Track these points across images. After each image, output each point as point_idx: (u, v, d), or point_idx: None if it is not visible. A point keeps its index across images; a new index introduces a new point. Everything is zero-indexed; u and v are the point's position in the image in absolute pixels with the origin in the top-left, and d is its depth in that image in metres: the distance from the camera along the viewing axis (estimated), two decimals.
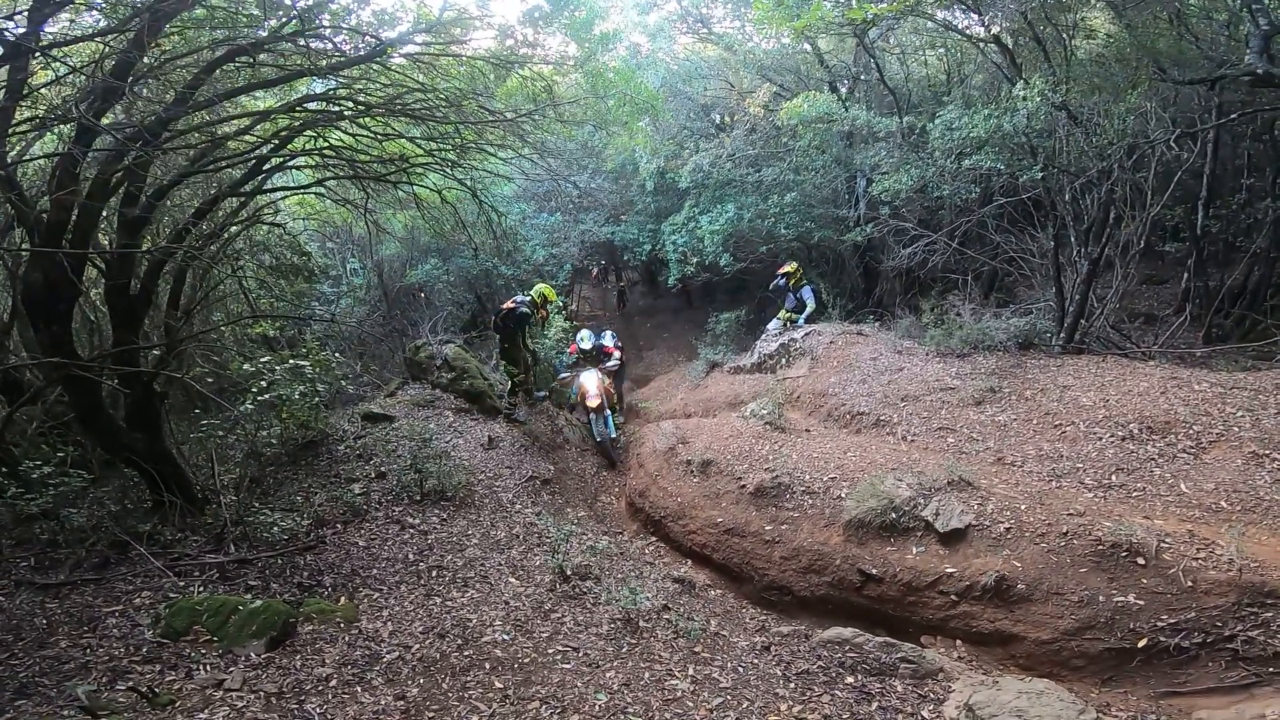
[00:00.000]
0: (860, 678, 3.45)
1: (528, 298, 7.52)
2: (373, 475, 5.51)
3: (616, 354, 8.37)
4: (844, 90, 10.45)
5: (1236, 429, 4.78)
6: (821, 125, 8.99)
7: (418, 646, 3.46)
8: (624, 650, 3.59)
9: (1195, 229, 7.97)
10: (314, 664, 3.21)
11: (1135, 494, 4.64)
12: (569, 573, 4.31)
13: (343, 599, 3.93)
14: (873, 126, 8.51)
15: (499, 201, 10.38)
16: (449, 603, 4.00)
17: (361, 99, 4.85)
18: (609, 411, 7.60)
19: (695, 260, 10.14)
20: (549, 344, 8.50)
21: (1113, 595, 3.89)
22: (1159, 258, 9.21)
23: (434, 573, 4.34)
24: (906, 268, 8.96)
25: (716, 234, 9.63)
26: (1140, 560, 3.97)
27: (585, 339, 8.13)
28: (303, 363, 5.28)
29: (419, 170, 5.71)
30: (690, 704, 3.17)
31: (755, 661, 3.61)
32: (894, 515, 4.66)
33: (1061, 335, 6.58)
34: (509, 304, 7.33)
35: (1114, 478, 4.79)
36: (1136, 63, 7.13)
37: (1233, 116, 6.95)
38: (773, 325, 9.33)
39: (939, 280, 8.69)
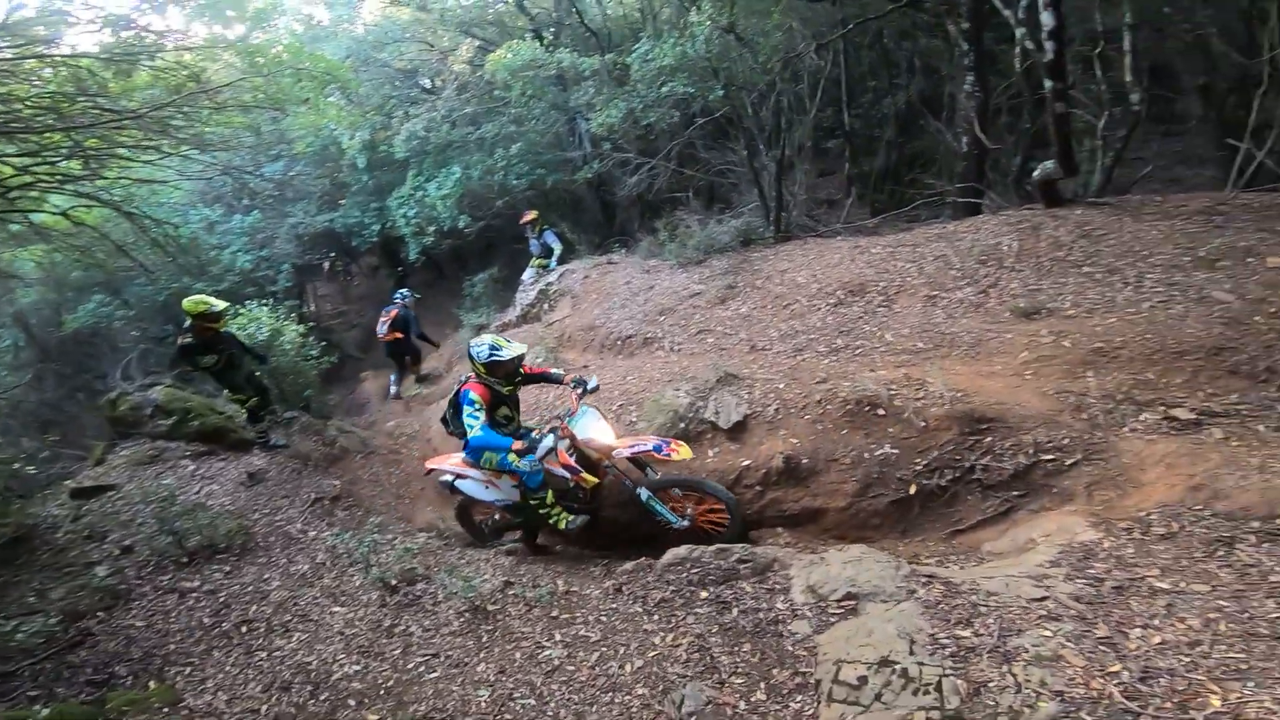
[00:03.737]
0: (712, 589, 3.59)
1: (188, 322, 5.99)
2: (116, 552, 4.64)
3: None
4: (549, 37, 10.55)
5: (910, 279, 5.81)
6: (530, 73, 9.00)
7: (266, 707, 3.16)
8: (484, 640, 3.45)
9: (845, 126, 9.76)
10: None
11: (857, 351, 5.30)
12: (394, 582, 3.99)
13: (151, 683, 3.43)
14: (579, 67, 8.76)
15: (168, 211, 8.69)
16: (277, 653, 3.57)
17: None
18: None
19: (433, 229, 9.62)
20: (288, 349, 7.37)
21: (873, 449, 4.30)
22: (825, 153, 11.08)
23: (243, 629, 3.83)
24: (637, 194, 9.58)
25: (448, 198, 9.24)
26: (881, 411, 4.41)
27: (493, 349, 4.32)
28: None
29: (29, 195, 4.53)
30: (571, 667, 3.15)
31: (614, 606, 3.63)
32: (683, 425, 4.89)
33: (771, 228, 7.61)
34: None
35: (838, 340, 5.48)
36: None
37: (849, 27, 8.44)
38: (527, 275, 9.38)
39: (667, 201, 9.44)
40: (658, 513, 4.33)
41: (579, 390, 4.54)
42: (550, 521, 4.51)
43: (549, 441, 4.13)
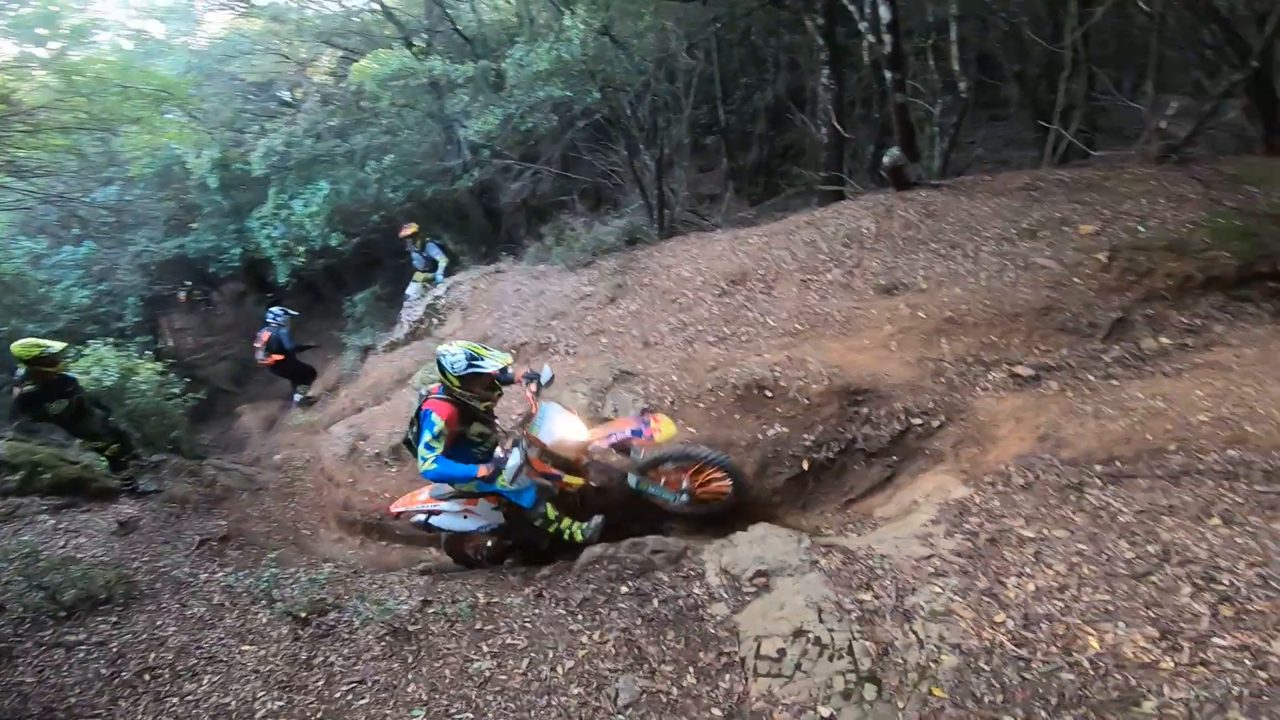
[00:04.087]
0: (631, 583, 3.62)
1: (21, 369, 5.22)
2: None
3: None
4: (420, 44, 10.23)
5: (784, 265, 6.10)
6: (400, 82, 8.69)
7: None
8: (410, 660, 3.34)
9: (720, 123, 10.12)
10: None
11: (742, 338, 5.50)
12: (304, 614, 3.76)
13: None
14: (451, 75, 8.53)
15: None
16: (190, 697, 3.31)
17: None
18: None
19: (303, 249, 9.02)
20: (144, 389, 6.69)
21: (766, 430, 4.46)
22: (704, 150, 11.44)
23: (146, 676, 3.51)
24: (521, 200, 9.49)
25: (317, 215, 8.72)
26: (769, 393, 4.60)
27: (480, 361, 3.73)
28: None
29: None
30: (503, 676, 3.11)
31: (537, 611, 3.60)
32: None
33: (655, 226, 7.79)
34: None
35: (725, 329, 5.67)
36: None
37: (718, 25, 8.73)
38: (412, 290, 9.09)
39: (552, 205, 9.42)
40: (652, 495, 4.13)
41: (533, 386, 4.06)
42: (565, 538, 4.07)
43: (515, 459, 3.64)
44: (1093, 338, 4.87)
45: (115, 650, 3.75)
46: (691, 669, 2.99)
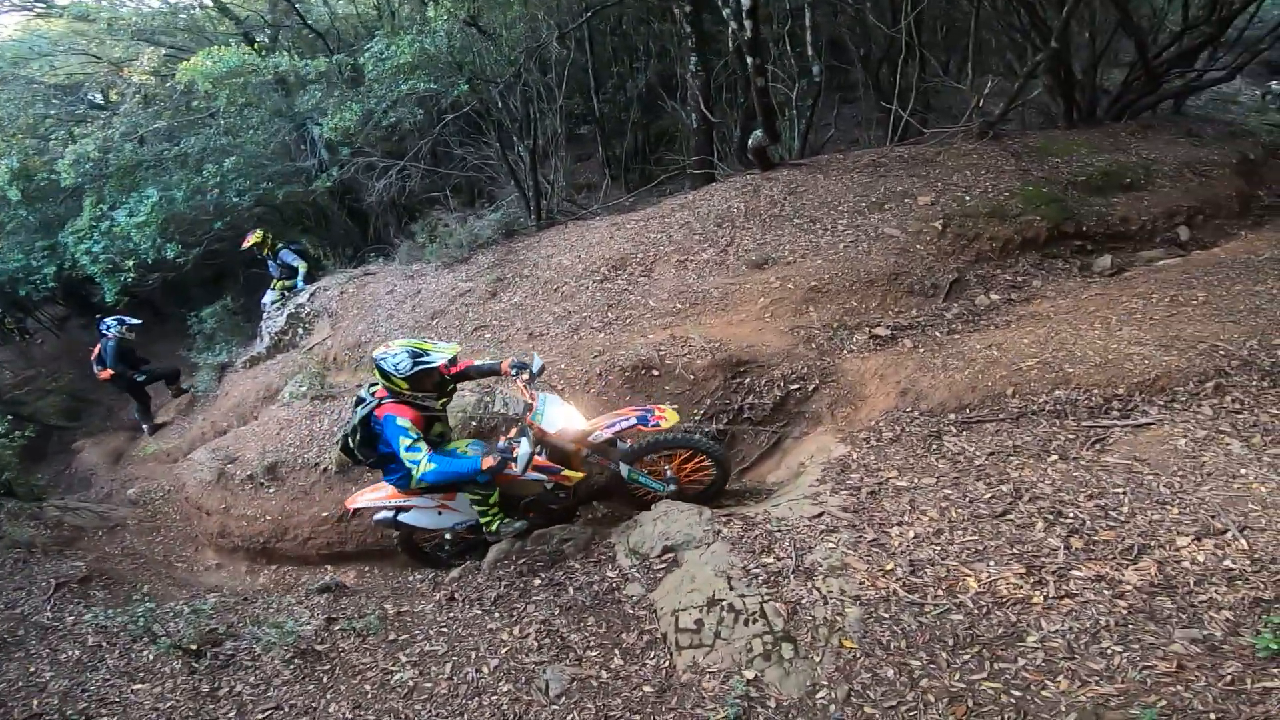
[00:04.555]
0: (544, 575, 3.61)
1: None
2: None
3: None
4: (264, 40, 9.45)
5: (662, 247, 6.25)
6: (239, 80, 7.91)
7: None
8: (326, 680, 3.14)
9: (595, 112, 10.10)
10: None
11: (627, 321, 5.58)
12: (194, 646, 3.43)
13: None
14: (301, 71, 7.89)
15: None
16: None
17: None
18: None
19: (131, 264, 7.99)
20: None
21: None
22: (580, 139, 11.38)
23: None
24: (389, 198, 8.98)
25: (146, 225, 7.72)
26: (656, 372, 4.70)
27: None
28: None
29: None
30: (428, 684, 3.01)
31: (452, 615, 3.49)
32: (474, 422, 4.75)
33: (532, 217, 7.65)
34: None
35: (609, 314, 5.72)
36: None
37: (589, 14, 8.64)
38: (268, 298, 8.40)
39: (424, 201, 9.00)
40: (642, 484, 3.98)
41: (524, 375, 3.81)
42: (483, 521, 3.88)
43: (526, 448, 3.37)
44: (936, 298, 5.40)
45: None
46: (617, 651, 3.01)
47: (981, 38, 7.92)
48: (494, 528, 3.89)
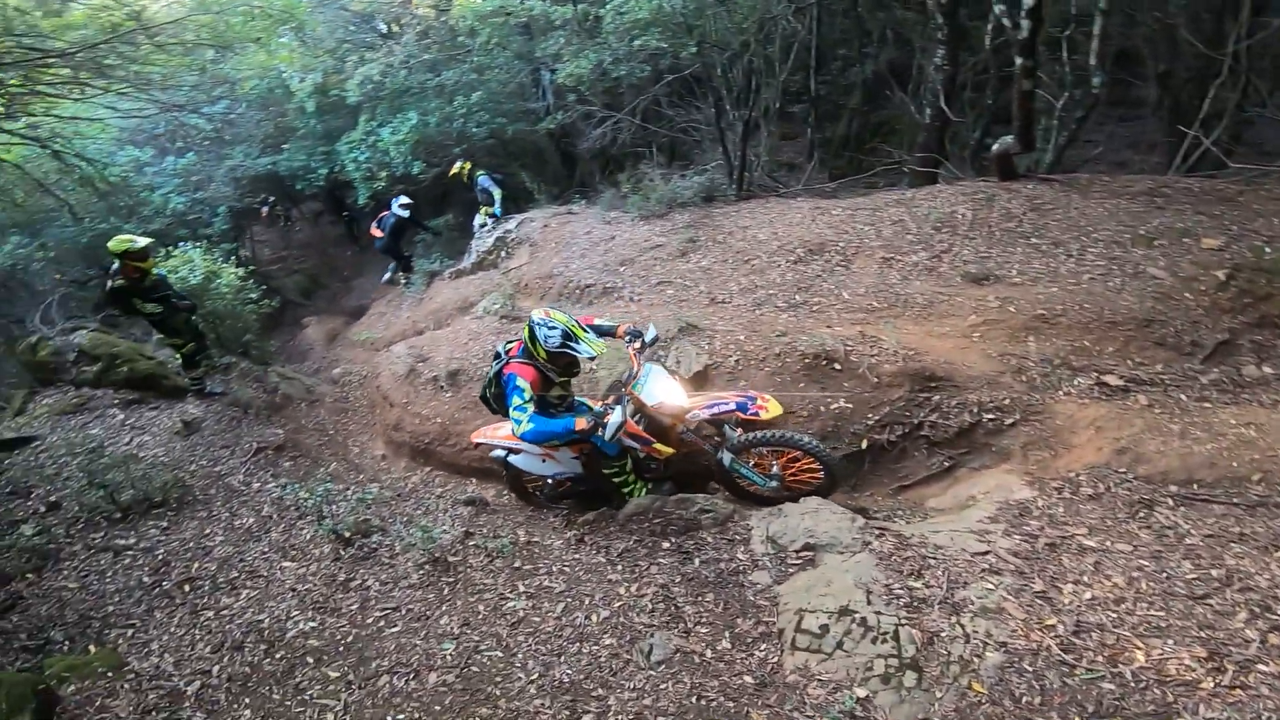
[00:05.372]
0: (674, 540, 3.57)
1: (114, 264, 5.45)
2: (42, 509, 4.34)
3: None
4: None
5: (868, 241, 5.88)
6: (499, 19, 8.70)
7: (218, 668, 3.03)
8: (446, 592, 3.34)
9: (811, 92, 9.72)
10: None
11: (815, 308, 5.36)
12: (348, 534, 3.80)
13: (91, 648, 3.26)
14: (550, 16, 8.45)
15: (97, 150, 8.14)
16: (225, 611, 3.40)
17: None
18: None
19: (384, 174, 9.24)
20: (225, 292, 6.98)
21: (829, 403, 4.34)
22: (790, 117, 11.04)
23: (186, 587, 3.64)
24: (600, 147, 9.40)
25: (402, 144, 8.93)
26: (837, 365, 4.48)
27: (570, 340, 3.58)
28: None
29: None
30: (536, 619, 3.10)
31: (577, 557, 3.58)
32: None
33: (733, 186, 7.58)
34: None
35: (797, 296, 5.54)
36: None
37: None
38: (477, 222, 9.24)
39: (629, 155, 9.31)
40: (742, 475, 3.90)
41: (636, 344, 3.82)
42: (625, 491, 3.97)
43: (617, 417, 3.45)
44: (1193, 357, 4.55)
45: (160, 557, 3.90)
46: (728, 634, 2.95)
47: None
48: (636, 493, 3.94)
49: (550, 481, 4.40)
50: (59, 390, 6.09)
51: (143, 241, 5.45)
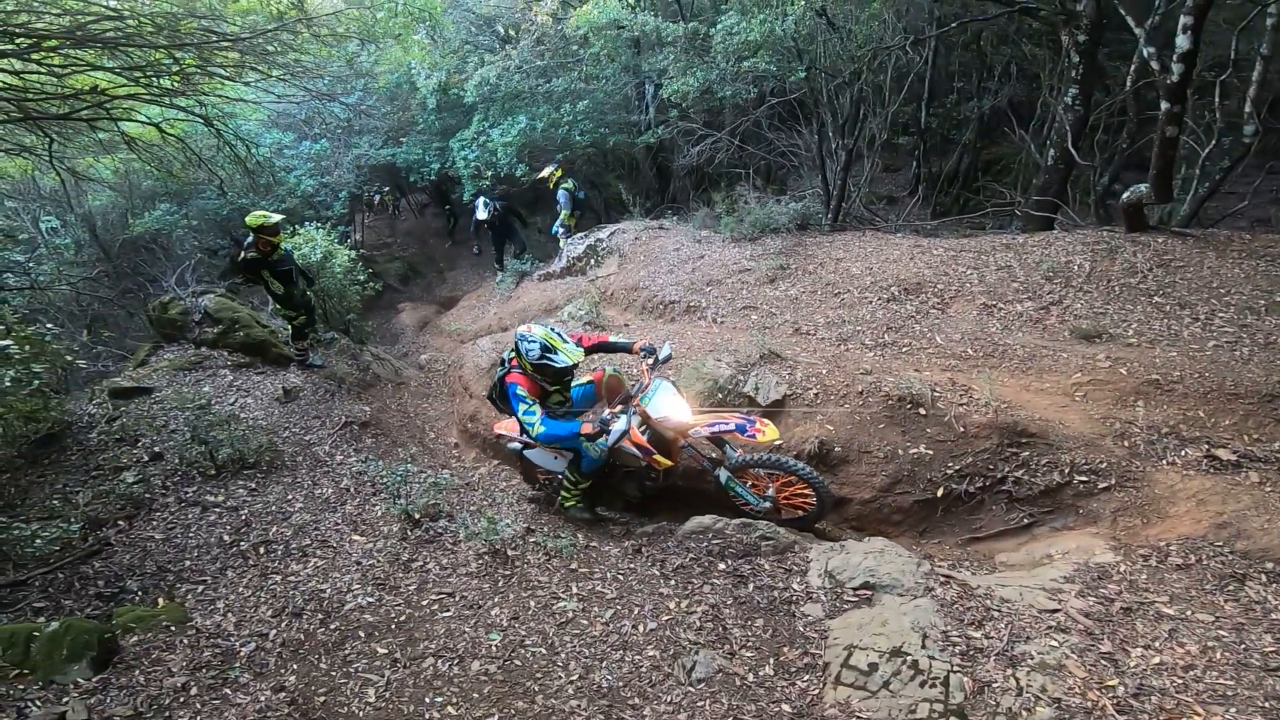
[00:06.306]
0: (730, 562, 3.58)
1: (249, 237, 5.94)
2: (146, 459, 4.64)
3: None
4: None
5: (969, 285, 5.67)
6: (611, 32, 8.97)
7: (275, 632, 3.14)
8: (500, 584, 3.45)
9: (921, 124, 9.43)
10: (161, 676, 2.78)
11: (904, 349, 5.21)
12: (417, 516, 3.99)
13: (161, 600, 3.39)
14: (661, 32, 8.66)
15: (246, 131, 8.95)
16: (292, 578, 3.58)
17: (31, 27, 3.77)
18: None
19: (489, 174, 9.70)
20: (337, 272, 7.53)
21: (908, 447, 4.24)
22: (895, 149, 10.75)
23: (261, 550, 3.84)
24: (696, 165, 9.46)
25: (509, 146, 9.30)
26: (921, 410, 4.34)
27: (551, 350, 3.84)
28: (3, 342, 4.09)
29: (124, 105, 4.77)
30: (584, 621, 3.16)
31: (632, 566, 3.62)
32: (720, 395, 4.80)
33: (829, 216, 7.45)
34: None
35: (886, 336, 5.39)
36: None
37: (952, 26, 8.08)
38: (555, 228, 9.50)
39: (724, 175, 9.32)
40: (737, 494, 4.05)
41: (650, 360, 4.06)
42: (560, 495, 4.34)
43: (621, 425, 3.71)
44: None
45: (243, 518, 4.13)
46: (772, 660, 2.93)
47: None
48: (569, 504, 4.27)
49: (558, 477, 4.59)
50: (180, 347, 6.58)
51: (276, 218, 5.97)
